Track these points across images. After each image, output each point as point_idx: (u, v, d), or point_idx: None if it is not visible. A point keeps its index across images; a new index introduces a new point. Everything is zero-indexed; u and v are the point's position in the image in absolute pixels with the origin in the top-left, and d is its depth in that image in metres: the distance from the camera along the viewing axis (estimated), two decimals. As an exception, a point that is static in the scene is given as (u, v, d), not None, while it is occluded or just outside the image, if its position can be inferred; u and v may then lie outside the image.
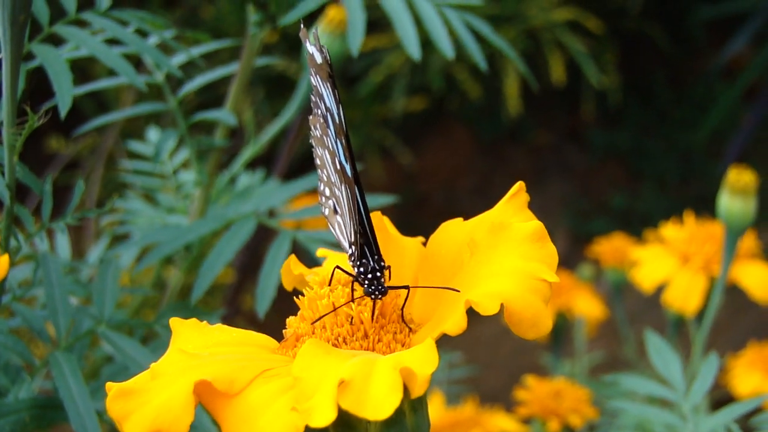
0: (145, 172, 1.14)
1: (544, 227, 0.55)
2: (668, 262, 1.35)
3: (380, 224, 0.65)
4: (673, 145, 3.39)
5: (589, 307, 1.66)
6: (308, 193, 1.00)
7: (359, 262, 0.61)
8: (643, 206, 3.26)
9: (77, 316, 0.83)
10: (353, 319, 0.58)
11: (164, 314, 0.88)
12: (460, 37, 0.95)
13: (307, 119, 0.64)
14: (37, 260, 0.90)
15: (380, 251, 0.62)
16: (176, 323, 0.61)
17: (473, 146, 3.46)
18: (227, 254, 0.89)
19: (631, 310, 1.92)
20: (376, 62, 2.87)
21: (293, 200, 1.25)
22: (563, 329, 1.67)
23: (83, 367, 0.82)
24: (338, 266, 0.63)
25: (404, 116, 3.00)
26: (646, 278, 1.35)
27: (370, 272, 0.61)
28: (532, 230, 0.55)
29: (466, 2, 0.98)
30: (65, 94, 0.75)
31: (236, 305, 2.16)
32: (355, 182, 0.61)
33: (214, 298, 1.96)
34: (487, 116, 3.35)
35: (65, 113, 0.74)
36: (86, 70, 2.31)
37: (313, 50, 0.62)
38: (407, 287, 0.61)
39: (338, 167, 0.62)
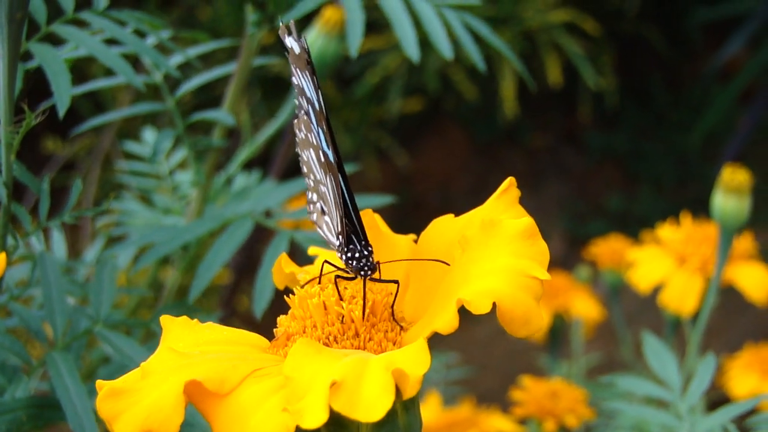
0: (141, 172, 1.14)
1: (534, 224, 0.55)
2: (665, 263, 1.35)
3: (371, 222, 0.66)
4: (669, 147, 3.39)
5: (586, 308, 1.66)
6: (305, 193, 1.00)
7: (346, 248, 0.62)
8: (639, 208, 3.26)
9: (74, 315, 0.82)
10: (344, 317, 0.58)
11: (161, 314, 0.88)
12: (458, 37, 0.95)
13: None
14: (34, 260, 0.90)
15: (367, 238, 0.62)
16: (167, 321, 0.61)
17: (469, 148, 3.46)
18: (224, 255, 0.89)
19: (628, 311, 1.92)
20: (372, 63, 2.87)
21: (290, 200, 1.25)
22: (560, 330, 1.67)
23: (80, 367, 0.82)
24: (327, 261, 0.63)
25: (400, 117, 3.00)
26: (642, 279, 1.36)
27: (358, 253, 0.61)
28: (523, 227, 0.55)
29: (464, 2, 0.98)
30: (63, 94, 0.75)
31: (232, 306, 2.16)
32: (338, 167, 0.61)
33: (209, 298, 1.96)
34: (483, 118, 3.35)
35: (63, 113, 0.74)
36: (83, 70, 2.31)
37: (291, 43, 0.62)
38: (397, 282, 0.61)
39: (322, 160, 0.62)
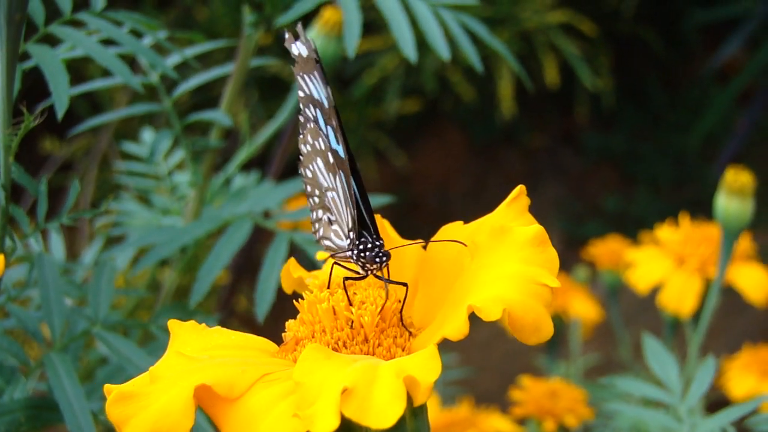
0: (139, 173, 1.14)
1: (545, 231, 0.55)
2: (663, 263, 1.35)
3: (380, 226, 0.66)
4: (666, 148, 3.39)
5: (584, 309, 1.66)
6: (303, 194, 0.99)
7: (358, 241, 0.62)
8: (636, 209, 3.26)
9: (72, 317, 0.82)
10: (353, 322, 0.58)
11: (160, 315, 0.88)
12: (456, 38, 0.95)
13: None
14: (31, 261, 0.90)
15: (379, 233, 0.62)
16: (174, 325, 0.61)
17: (467, 148, 3.46)
18: (225, 257, 0.88)
19: (626, 312, 1.92)
20: (369, 64, 2.87)
21: (288, 201, 1.25)
22: (558, 331, 1.67)
23: (78, 368, 0.82)
24: (336, 262, 0.63)
25: (398, 118, 3.00)
26: (641, 280, 1.36)
27: (370, 244, 0.61)
28: (533, 234, 0.55)
29: (461, 2, 0.98)
30: (62, 94, 0.75)
31: (230, 307, 2.16)
32: (349, 163, 0.62)
33: (208, 299, 1.95)
34: (480, 118, 3.35)
35: (62, 114, 0.74)
36: (80, 70, 2.30)
37: (299, 48, 0.62)
38: (406, 284, 0.61)
39: (331, 161, 0.62)
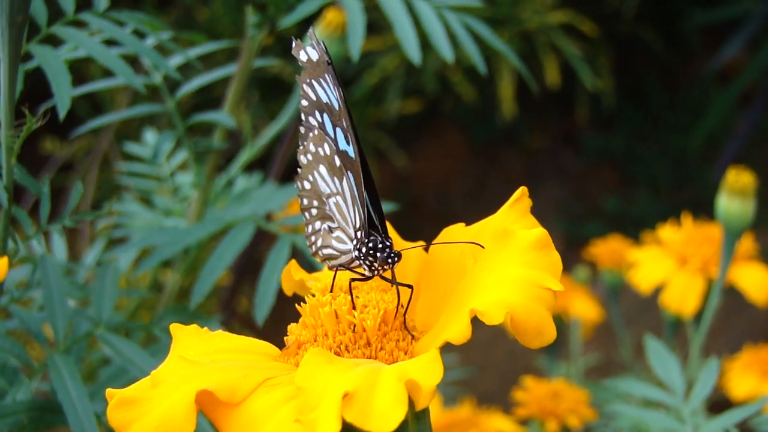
0: (141, 174, 1.14)
1: (548, 234, 0.55)
2: (666, 263, 1.35)
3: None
4: (667, 149, 3.40)
5: (585, 309, 1.66)
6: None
7: (367, 239, 0.62)
8: (636, 210, 3.26)
9: (75, 318, 0.82)
10: (356, 326, 0.58)
11: (163, 317, 0.88)
12: (459, 39, 0.95)
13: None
14: (34, 262, 0.90)
15: (387, 232, 0.62)
16: (176, 329, 0.61)
17: (467, 149, 3.46)
18: (227, 259, 0.88)
19: (626, 312, 1.92)
20: (370, 65, 2.87)
21: (291, 204, 1.25)
22: (559, 331, 1.66)
23: (80, 369, 0.82)
24: (342, 265, 0.63)
25: (398, 119, 3.00)
26: (643, 280, 1.36)
27: (380, 243, 0.61)
28: (536, 238, 0.55)
29: (464, 4, 0.98)
30: (64, 95, 0.75)
31: (232, 308, 2.16)
32: (361, 163, 0.62)
33: (209, 300, 1.95)
34: (481, 119, 3.35)
35: (64, 115, 0.74)
36: (81, 71, 2.30)
37: (309, 52, 0.63)
38: (410, 286, 0.61)
39: (338, 164, 0.62)
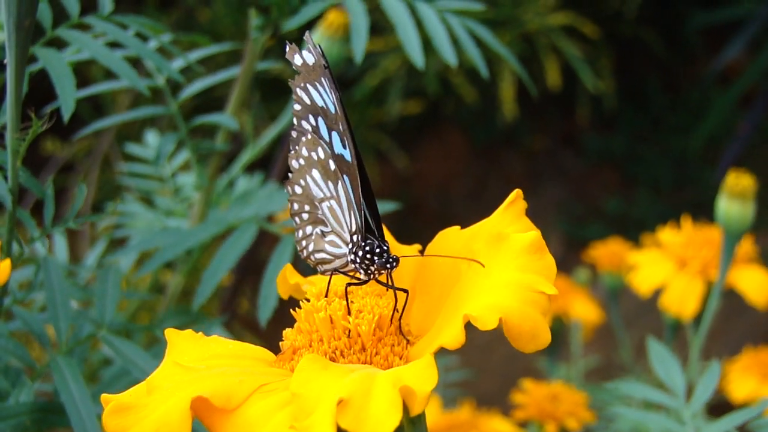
0: (143, 174, 1.14)
1: (542, 238, 0.55)
2: (665, 266, 1.35)
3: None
4: (667, 150, 3.40)
5: (585, 311, 1.67)
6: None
7: (363, 243, 0.62)
8: (637, 211, 3.27)
9: (77, 320, 0.83)
10: (350, 332, 0.58)
11: (164, 319, 0.88)
12: (461, 42, 0.95)
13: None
14: (36, 263, 0.90)
15: (384, 236, 0.62)
16: (171, 334, 0.61)
17: (468, 150, 3.46)
18: (229, 261, 0.89)
19: (626, 314, 1.92)
20: (371, 66, 2.87)
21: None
22: (559, 333, 1.67)
23: (82, 370, 0.82)
24: (336, 269, 0.63)
25: (400, 120, 3.00)
26: (643, 282, 1.36)
27: (378, 248, 0.61)
28: (529, 241, 0.55)
29: (466, 7, 0.98)
30: (68, 97, 0.75)
31: (232, 309, 2.16)
32: (357, 166, 0.62)
33: (210, 301, 1.95)
34: (482, 120, 3.35)
35: (68, 117, 0.74)
36: (83, 73, 2.30)
37: (305, 56, 0.63)
38: (406, 291, 0.61)
39: (332, 168, 0.62)
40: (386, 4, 0.93)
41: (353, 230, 0.62)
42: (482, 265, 0.56)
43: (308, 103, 0.64)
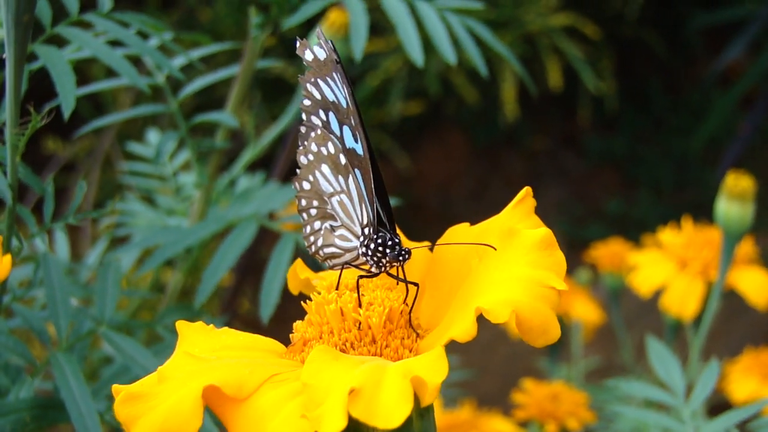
0: (144, 173, 1.14)
1: (552, 234, 0.55)
2: (666, 266, 1.36)
3: None
4: (668, 151, 3.40)
5: (586, 311, 1.67)
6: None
7: (375, 235, 0.62)
8: (638, 212, 3.27)
9: (77, 317, 0.83)
10: (361, 324, 0.58)
11: (165, 316, 0.88)
12: (461, 42, 0.95)
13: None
14: (36, 261, 0.90)
15: (396, 230, 0.63)
16: (182, 326, 0.61)
17: (469, 151, 3.46)
18: (230, 259, 0.89)
19: (627, 314, 1.92)
20: (373, 66, 2.87)
21: (293, 203, 1.25)
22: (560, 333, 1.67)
23: (82, 367, 0.82)
24: (347, 263, 0.64)
25: (401, 120, 3.01)
26: (643, 283, 1.36)
27: (390, 241, 0.62)
28: (540, 237, 0.55)
29: (467, 6, 0.98)
30: (68, 95, 0.75)
31: (233, 308, 2.16)
32: (369, 160, 0.62)
33: (211, 300, 1.95)
34: (483, 121, 3.35)
35: (68, 114, 0.74)
36: (84, 71, 2.31)
37: (317, 51, 0.63)
38: (417, 284, 0.61)
39: (342, 162, 0.62)
40: (386, 2, 0.93)
41: (365, 223, 0.63)
42: (494, 248, 0.56)
43: (319, 98, 0.64)
